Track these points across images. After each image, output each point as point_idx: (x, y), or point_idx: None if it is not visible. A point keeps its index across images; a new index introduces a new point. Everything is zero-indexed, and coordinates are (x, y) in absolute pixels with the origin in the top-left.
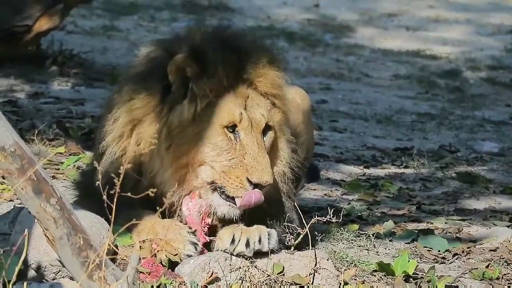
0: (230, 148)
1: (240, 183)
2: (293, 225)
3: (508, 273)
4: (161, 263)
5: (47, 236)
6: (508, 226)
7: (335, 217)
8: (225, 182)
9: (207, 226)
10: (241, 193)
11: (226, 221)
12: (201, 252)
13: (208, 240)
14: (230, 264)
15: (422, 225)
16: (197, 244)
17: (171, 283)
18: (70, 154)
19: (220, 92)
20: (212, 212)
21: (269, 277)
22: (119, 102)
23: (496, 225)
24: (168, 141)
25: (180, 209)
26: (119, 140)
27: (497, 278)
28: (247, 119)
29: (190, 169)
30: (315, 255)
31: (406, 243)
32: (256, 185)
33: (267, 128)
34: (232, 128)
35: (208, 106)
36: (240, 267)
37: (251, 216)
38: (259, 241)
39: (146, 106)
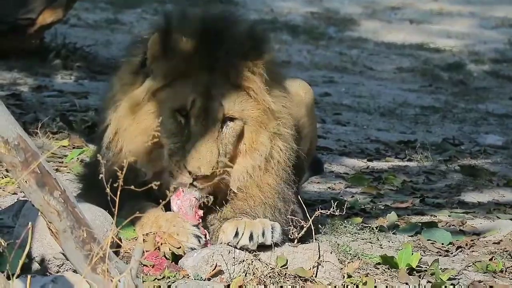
0: (178, 132)
1: (179, 168)
2: (296, 218)
3: (511, 266)
4: (164, 256)
5: (50, 229)
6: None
7: (338, 210)
8: (170, 166)
9: (201, 218)
10: (182, 180)
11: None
12: (205, 245)
13: (205, 233)
14: (233, 257)
15: (426, 218)
16: (200, 237)
17: (174, 276)
18: (73, 147)
19: (179, 76)
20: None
21: (272, 270)
22: (113, 83)
23: (499, 218)
24: (131, 114)
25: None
26: (112, 122)
27: (501, 271)
28: (199, 107)
29: (154, 147)
30: (319, 248)
31: (409, 236)
32: (190, 173)
33: (228, 119)
34: (184, 113)
35: (165, 87)
36: (243, 260)
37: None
38: (263, 234)
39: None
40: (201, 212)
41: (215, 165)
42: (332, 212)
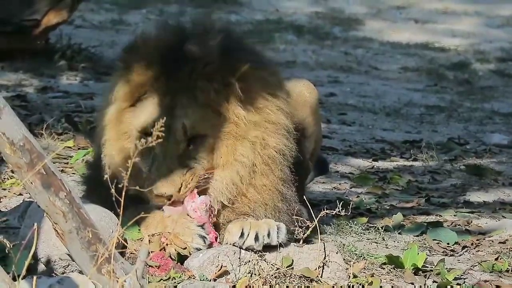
0: (146, 153)
1: (149, 192)
2: (302, 218)
3: None
4: (170, 256)
5: (56, 230)
6: None
7: (344, 210)
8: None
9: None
10: (155, 202)
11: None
12: (210, 246)
13: (217, 235)
14: (239, 258)
15: (431, 218)
16: (205, 238)
17: (180, 276)
18: (79, 148)
19: (140, 97)
20: None
21: (278, 271)
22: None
23: (505, 218)
24: (111, 131)
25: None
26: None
27: (507, 271)
28: (161, 129)
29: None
30: (324, 248)
31: (415, 236)
32: (158, 196)
33: (196, 137)
34: (148, 134)
35: (130, 108)
36: (249, 261)
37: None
38: (268, 235)
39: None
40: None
41: (177, 184)
42: (337, 212)
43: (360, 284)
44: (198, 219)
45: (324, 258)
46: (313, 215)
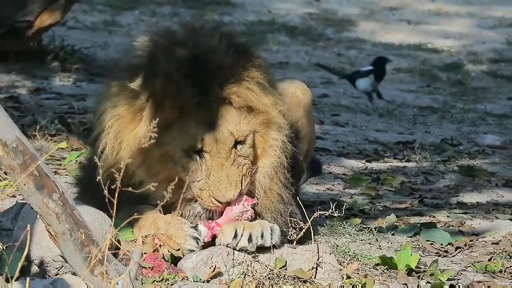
0: (196, 169)
1: (212, 203)
2: (295, 219)
3: (510, 266)
4: (163, 258)
5: (49, 232)
6: (511, 219)
7: (337, 211)
8: (201, 202)
9: None
10: (218, 209)
11: None
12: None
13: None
14: (232, 259)
15: (425, 219)
16: (198, 239)
17: (173, 278)
18: (72, 150)
19: (178, 116)
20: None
21: (271, 272)
22: (107, 95)
23: (498, 218)
24: (141, 156)
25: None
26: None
27: (500, 271)
28: (210, 142)
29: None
30: (318, 249)
31: (408, 237)
32: (225, 203)
33: (239, 141)
34: (196, 150)
35: (168, 129)
36: (242, 262)
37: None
38: (262, 236)
39: (127, 106)
40: None
41: (239, 184)
42: (331, 213)
43: (353, 285)
44: (225, 218)
45: (318, 259)
46: (307, 216)
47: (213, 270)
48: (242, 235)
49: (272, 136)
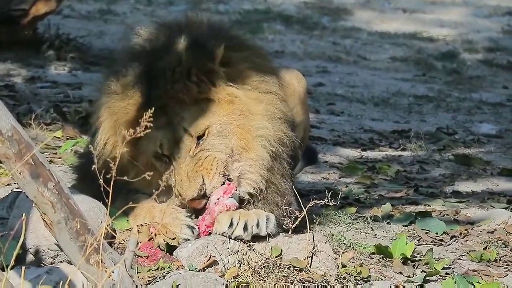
0: (166, 169)
1: (183, 200)
2: (291, 208)
3: (505, 255)
4: (159, 247)
5: (45, 221)
6: (506, 208)
7: (332, 200)
8: (177, 199)
9: None
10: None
11: None
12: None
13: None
14: (228, 248)
15: (420, 208)
16: (194, 228)
17: (169, 266)
18: (67, 139)
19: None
20: None
21: (267, 261)
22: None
23: (493, 207)
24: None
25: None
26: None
27: (495, 260)
28: (167, 146)
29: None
30: (313, 238)
31: (403, 226)
32: (191, 200)
33: (202, 134)
34: (163, 154)
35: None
36: (238, 251)
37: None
38: (257, 225)
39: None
40: None
41: (201, 186)
42: (326, 202)
43: (349, 274)
44: (210, 210)
45: (313, 248)
46: (302, 205)
47: (209, 259)
48: (237, 224)
49: (255, 125)
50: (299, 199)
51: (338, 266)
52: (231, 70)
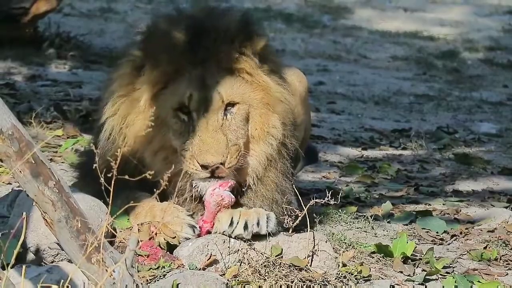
0: (184, 130)
1: (193, 165)
2: (291, 207)
3: (506, 254)
4: (159, 245)
5: (45, 219)
6: (506, 207)
7: (333, 199)
8: (185, 165)
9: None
10: (200, 176)
11: None
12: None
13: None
14: (228, 247)
15: (420, 207)
16: (195, 227)
17: (169, 265)
18: (68, 137)
19: (171, 76)
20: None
21: (267, 260)
22: (114, 79)
23: (494, 206)
24: (139, 124)
25: (175, 191)
26: (114, 118)
27: (495, 259)
28: (197, 100)
29: (169, 152)
30: (314, 237)
31: (404, 225)
32: (204, 167)
33: (230, 105)
34: (185, 110)
35: (162, 91)
36: (238, 250)
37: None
38: (257, 223)
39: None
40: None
41: (224, 152)
42: (326, 201)
43: (349, 273)
44: (206, 204)
45: (314, 247)
46: (303, 204)
47: (209, 258)
48: (238, 223)
49: (272, 122)
50: (300, 198)
51: (339, 265)
52: (268, 62)
